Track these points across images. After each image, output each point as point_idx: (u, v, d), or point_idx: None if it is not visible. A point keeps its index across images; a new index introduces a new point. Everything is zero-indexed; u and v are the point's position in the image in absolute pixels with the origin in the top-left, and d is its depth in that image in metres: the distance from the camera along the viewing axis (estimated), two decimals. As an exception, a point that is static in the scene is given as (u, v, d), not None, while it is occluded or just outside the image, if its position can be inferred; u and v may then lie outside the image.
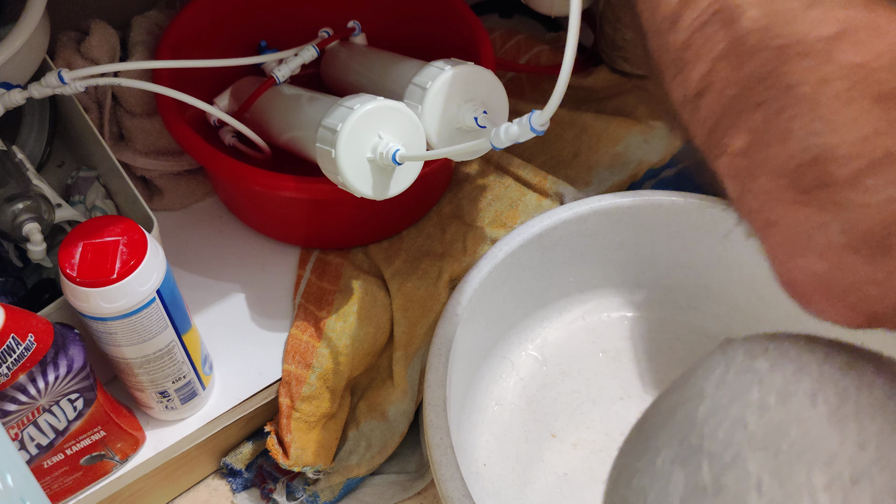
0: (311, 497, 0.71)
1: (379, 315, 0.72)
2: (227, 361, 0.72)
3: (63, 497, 0.64)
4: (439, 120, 0.61)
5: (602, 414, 0.75)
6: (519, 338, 0.78)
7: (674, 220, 0.74)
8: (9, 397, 0.53)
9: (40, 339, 0.52)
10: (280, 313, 0.75)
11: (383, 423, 0.72)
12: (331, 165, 0.59)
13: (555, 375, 0.77)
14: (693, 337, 0.78)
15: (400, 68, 0.73)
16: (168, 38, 0.76)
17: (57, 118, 0.77)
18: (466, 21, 0.77)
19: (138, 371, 0.61)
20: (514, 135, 0.50)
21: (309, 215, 0.76)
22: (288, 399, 0.69)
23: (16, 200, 0.64)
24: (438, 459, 0.58)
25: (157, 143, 0.79)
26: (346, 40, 0.82)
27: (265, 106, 0.75)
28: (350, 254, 0.78)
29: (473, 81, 0.62)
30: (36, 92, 0.63)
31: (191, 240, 0.80)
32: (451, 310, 0.67)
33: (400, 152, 0.57)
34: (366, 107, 0.58)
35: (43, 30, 0.68)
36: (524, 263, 0.73)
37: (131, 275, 0.54)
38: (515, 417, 0.74)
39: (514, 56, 0.91)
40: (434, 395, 0.62)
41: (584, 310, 0.80)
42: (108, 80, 0.65)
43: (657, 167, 0.80)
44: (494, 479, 0.70)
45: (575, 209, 0.73)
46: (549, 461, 0.72)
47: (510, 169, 0.80)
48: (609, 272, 0.78)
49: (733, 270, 0.75)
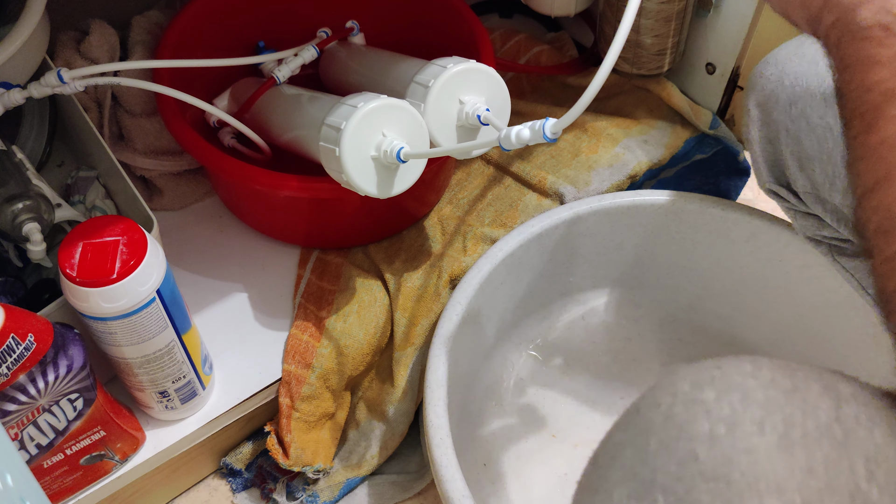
0: (311, 497, 0.70)
1: (379, 315, 0.72)
2: (227, 361, 0.72)
3: (63, 497, 0.64)
4: (442, 118, 0.61)
5: (602, 414, 0.75)
6: (519, 338, 0.78)
7: (674, 220, 0.74)
8: (9, 397, 0.53)
9: (40, 339, 0.52)
10: (280, 313, 0.75)
11: (383, 424, 0.72)
12: (335, 164, 0.59)
13: (555, 375, 0.77)
14: (694, 337, 0.78)
15: (400, 67, 0.73)
16: (168, 38, 0.76)
17: (57, 118, 0.77)
18: (466, 21, 0.77)
19: (138, 371, 0.61)
20: (526, 139, 0.51)
21: (309, 215, 0.76)
22: (288, 399, 0.69)
23: (16, 200, 0.64)
24: (438, 459, 0.58)
25: (157, 143, 0.79)
26: (345, 40, 0.82)
27: (266, 106, 0.75)
28: (350, 253, 0.78)
29: (476, 79, 0.62)
30: (35, 91, 0.63)
31: (191, 240, 0.80)
32: (451, 310, 0.67)
33: (404, 150, 0.57)
34: (369, 105, 0.58)
35: (43, 29, 0.68)
36: (524, 263, 0.73)
37: (131, 275, 0.54)
38: (515, 417, 0.74)
39: (514, 56, 0.91)
40: (434, 395, 0.62)
41: (584, 310, 0.79)
42: (107, 80, 0.65)
43: (657, 167, 0.80)
44: (494, 479, 0.70)
45: (575, 209, 0.73)
46: (549, 461, 0.72)
47: (510, 169, 0.80)
48: (609, 272, 0.78)
49: (734, 271, 0.75)
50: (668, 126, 0.82)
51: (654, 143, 0.80)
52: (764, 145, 0.62)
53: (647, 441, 0.35)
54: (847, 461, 0.31)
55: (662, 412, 0.35)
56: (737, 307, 0.77)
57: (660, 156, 0.80)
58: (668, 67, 0.82)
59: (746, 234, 0.72)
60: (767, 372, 0.34)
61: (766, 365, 0.35)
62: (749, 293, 0.75)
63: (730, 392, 0.34)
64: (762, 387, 0.34)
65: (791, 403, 0.33)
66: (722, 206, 0.72)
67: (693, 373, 0.36)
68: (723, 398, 0.34)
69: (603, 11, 0.81)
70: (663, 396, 0.36)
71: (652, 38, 0.78)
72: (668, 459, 0.33)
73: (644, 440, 0.35)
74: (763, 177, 0.63)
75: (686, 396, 0.35)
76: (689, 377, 0.36)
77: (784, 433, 0.32)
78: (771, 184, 0.63)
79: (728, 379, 0.34)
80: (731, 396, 0.34)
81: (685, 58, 0.83)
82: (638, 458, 0.35)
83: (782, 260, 0.71)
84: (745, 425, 0.32)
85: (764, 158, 0.62)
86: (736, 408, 0.33)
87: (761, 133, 0.62)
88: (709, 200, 0.73)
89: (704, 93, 0.84)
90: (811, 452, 0.31)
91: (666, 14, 0.76)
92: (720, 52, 0.80)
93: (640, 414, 0.37)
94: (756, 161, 0.64)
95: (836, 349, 0.71)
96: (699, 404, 0.34)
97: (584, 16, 0.92)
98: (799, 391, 0.33)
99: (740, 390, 0.34)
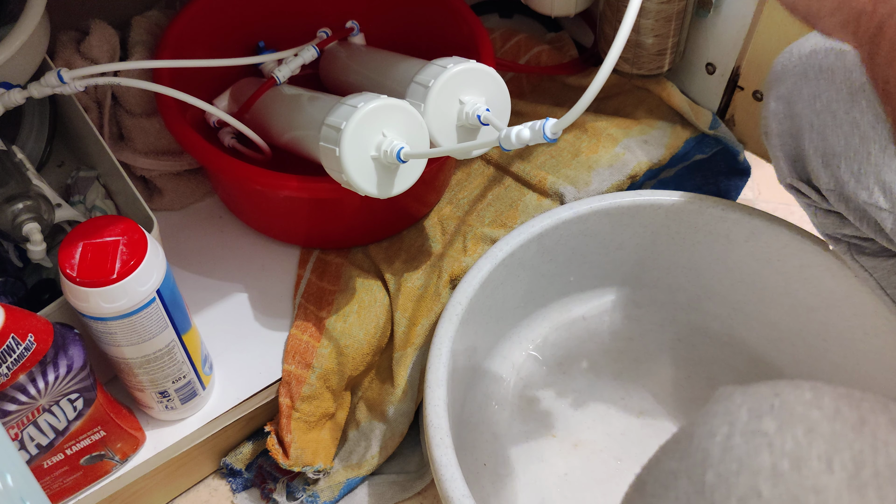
0: (311, 497, 0.70)
1: (379, 315, 0.72)
2: (227, 361, 0.72)
3: (63, 497, 0.64)
4: (442, 118, 0.61)
5: (602, 414, 0.75)
6: (519, 338, 0.78)
7: (674, 220, 0.74)
8: (9, 397, 0.53)
9: (40, 339, 0.52)
10: (280, 313, 0.75)
11: (383, 424, 0.72)
12: (335, 164, 0.59)
13: (555, 375, 0.77)
14: (694, 337, 0.78)
15: (400, 67, 0.73)
16: (168, 38, 0.76)
17: (57, 118, 0.77)
18: (466, 21, 0.77)
19: (138, 371, 0.61)
20: (526, 139, 0.51)
21: (309, 215, 0.76)
22: (288, 399, 0.69)
23: (16, 200, 0.64)
24: (438, 459, 0.58)
25: (157, 143, 0.79)
26: (345, 40, 0.82)
27: (266, 106, 0.75)
28: (350, 254, 0.78)
29: (475, 79, 0.62)
30: (36, 91, 0.63)
31: (191, 240, 0.80)
32: (451, 310, 0.67)
33: (404, 150, 0.58)
34: (370, 105, 0.58)
35: (43, 30, 0.68)
36: (524, 263, 0.73)
37: (131, 275, 0.54)
38: (515, 417, 0.74)
39: (514, 56, 0.91)
40: (434, 395, 0.62)
41: (584, 310, 0.80)
42: (107, 80, 0.65)
43: (657, 167, 0.80)
44: (494, 479, 0.70)
45: (575, 209, 0.73)
46: (549, 461, 0.72)
47: (510, 169, 0.80)
48: (609, 272, 0.79)
49: (733, 271, 0.75)
50: (668, 126, 0.82)
51: (654, 143, 0.80)
52: (785, 139, 0.60)
53: (703, 472, 0.33)
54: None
55: (719, 443, 0.33)
56: (736, 307, 0.77)
57: (660, 156, 0.80)
58: (668, 67, 0.82)
59: (746, 234, 0.72)
60: (831, 401, 0.33)
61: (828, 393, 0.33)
62: (748, 293, 0.75)
63: (793, 424, 0.32)
64: (827, 419, 0.32)
65: (860, 439, 0.31)
66: (722, 206, 0.72)
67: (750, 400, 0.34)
68: (786, 430, 0.32)
69: (603, 11, 0.81)
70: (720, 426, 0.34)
71: (652, 39, 0.78)
72: (727, 494, 0.32)
73: (700, 471, 0.33)
74: (783, 172, 0.62)
75: (745, 427, 0.33)
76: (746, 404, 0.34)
77: (854, 472, 0.30)
78: (792, 179, 0.61)
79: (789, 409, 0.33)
80: (796, 429, 0.32)
81: (685, 58, 0.83)
82: (694, 490, 0.33)
83: (781, 260, 0.71)
84: (812, 462, 0.31)
85: (784, 153, 0.61)
86: (801, 442, 0.31)
87: (782, 127, 0.60)
88: (709, 200, 0.73)
89: (704, 93, 0.84)
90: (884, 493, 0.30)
91: (666, 14, 0.76)
92: (720, 52, 0.80)
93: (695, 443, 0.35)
94: (775, 156, 0.62)
95: (834, 349, 0.71)
96: (760, 436, 0.32)
97: (584, 16, 0.92)
98: (867, 425, 0.32)
99: (804, 422, 0.32)
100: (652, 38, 0.78)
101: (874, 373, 0.68)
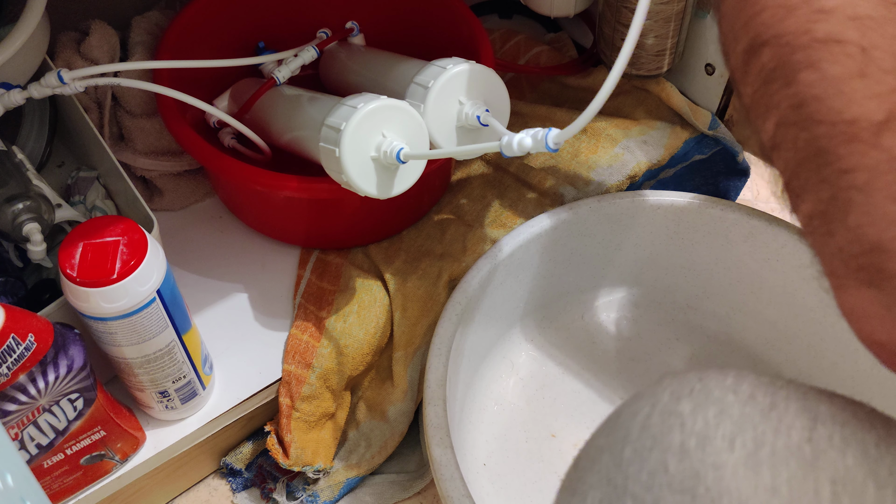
0: (311, 497, 0.71)
1: (379, 315, 0.72)
2: (227, 361, 0.72)
3: (63, 497, 0.64)
4: (442, 118, 0.61)
5: (602, 414, 0.75)
6: (519, 338, 0.78)
7: (673, 220, 0.74)
8: (9, 397, 0.53)
9: (40, 339, 0.52)
10: (280, 313, 0.75)
11: (383, 423, 0.72)
12: (334, 164, 0.59)
13: (555, 375, 0.77)
14: (693, 337, 0.79)
15: (400, 68, 0.73)
16: (168, 38, 0.76)
17: (57, 118, 0.77)
18: (466, 22, 0.77)
19: (138, 371, 0.61)
20: (527, 147, 0.51)
21: (309, 215, 0.76)
22: (288, 399, 0.69)
23: (16, 200, 0.64)
24: (438, 459, 0.58)
25: (157, 143, 0.79)
26: (345, 41, 0.82)
27: (266, 107, 0.75)
28: (350, 254, 0.78)
29: (475, 80, 0.62)
30: (36, 92, 0.63)
31: (191, 240, 0.80)
32: (451, 310, 0.67)
33: (404, 151, 0.58)
34: (369, 105, 0.58)
35: (43, 30, 0.68)
36: (524, 264, 0.73)
37: (131, 275, 0.54)
38: (515, 417, 0.74)
39: (513, 57, 0.91)
40: (434, 395, 0.62)
41: (584, 310, 0.80)
42: (107, 80, 0.65)
43: (656, 167, 0.80)
44: (494, 479, 0.71)
45: (575, 209, 0.73)
46: (549, 461, 0.72)
47: (510, 169, 0.81)
48: (609, 272, 0.79)
49: (732, 271, 0.75)
50: (668, 126, 0.82)
51: (653, 143, 0.80)
52: None
53: (622, 448, 0.35)
54: (813, 482, 0.31)
55: (640, 421, 0.36)
56: (735, 307, 0.77)
57: (659, 156, 0.80)
58: (667, 68, 0.82)
59: (745, 234, 0.72)
60: (748, 387, 0.35)
61: (748, 380, 0.35)
62: (747, 293, 0.75)
63: (707, 406, 0.34)
64: (739, 402, 0.34)
65: (765, 421, 0.33)
66: (721, 206, 0.72)
67: (675, 383, 0.36)
68: (698, 412, 0.34)
69: (602, 12, 0.82)
70: (643, 406, 0.36)
71: (651, 39, 0.78)
72: (640, 468, 0.34)
73: (620, 447, 0.35)
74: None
75: (664, 407, 0.35)
76: (670, 387, 0.36)
77: (753, 451, 0.32)
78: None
79: (707, 392, 0.35)
80: (708, 411, 0.34)
81: (684, 58, 0.84)
82: (613, 464, 0.35)
83: (780, 260, 0.72)
84: (716, 441, 0.33)
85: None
86: (710, 422, 0.33)
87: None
88: (708, 201, 0.73)
89: (704, 93, 0.84)
90: (777, 472, 0.31)
91: (665, 15, 0.76)
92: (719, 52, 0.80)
93: (620, 421, 0.37)
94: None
95: (832, 349, 0.71)
96: (675, 416, 0.34)
97: (584, 16, 0.92)
98: (776, 409, 0.33)
99: (718, 405, 0.34)
100: (651, 39, 0.78)
101: (872, 372, 0.68)
